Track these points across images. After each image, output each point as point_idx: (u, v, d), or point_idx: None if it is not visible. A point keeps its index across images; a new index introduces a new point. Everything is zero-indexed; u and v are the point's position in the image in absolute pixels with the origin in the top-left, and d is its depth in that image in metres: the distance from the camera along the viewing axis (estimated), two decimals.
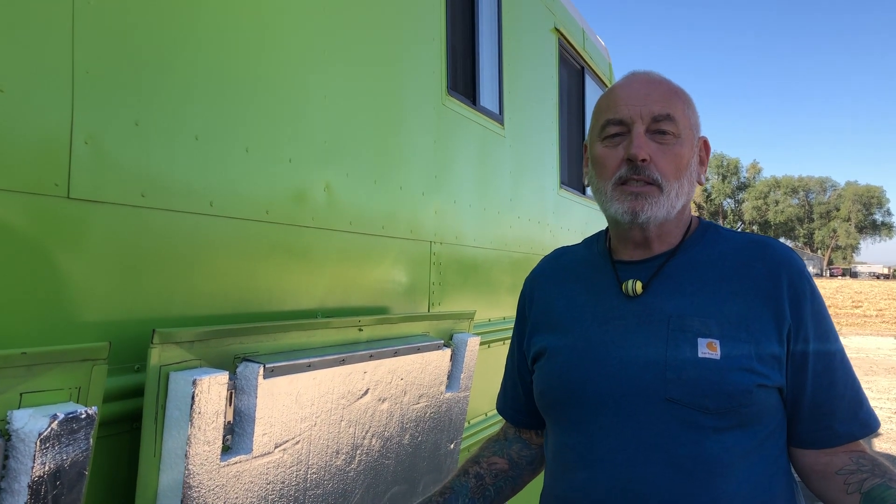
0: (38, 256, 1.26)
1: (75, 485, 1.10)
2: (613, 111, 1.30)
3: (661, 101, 1.28)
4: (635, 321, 1.29)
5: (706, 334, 1.23)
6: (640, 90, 1.29)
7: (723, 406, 1.20)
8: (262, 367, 1.54)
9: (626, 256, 1.37)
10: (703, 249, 1.34)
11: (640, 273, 1.34)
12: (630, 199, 1.27)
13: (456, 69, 3.03)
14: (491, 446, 1.58)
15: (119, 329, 1.42)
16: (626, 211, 1.28)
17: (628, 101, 1.29)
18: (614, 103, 1.30)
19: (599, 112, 1.35)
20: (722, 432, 1.20)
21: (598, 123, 1.34)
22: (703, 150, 1.37)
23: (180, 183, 1.55)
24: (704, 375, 1.20)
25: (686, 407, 1.20)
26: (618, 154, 1.29)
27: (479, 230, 3.12)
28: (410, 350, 2.12)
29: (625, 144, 1.28)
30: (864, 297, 39.91)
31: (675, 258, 1.33)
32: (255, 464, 1.55)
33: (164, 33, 1.51)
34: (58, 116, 1.29)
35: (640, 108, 1.27)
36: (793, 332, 1.25)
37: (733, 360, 1.21)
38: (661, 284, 1.31)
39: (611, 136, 1.30)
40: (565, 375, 1.33)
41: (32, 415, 1.06)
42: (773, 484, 1.26)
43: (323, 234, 2.04)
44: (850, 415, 1.28)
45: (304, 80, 1.96)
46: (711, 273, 1.30)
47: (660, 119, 1.27)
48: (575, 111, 4.82)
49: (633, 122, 1.27)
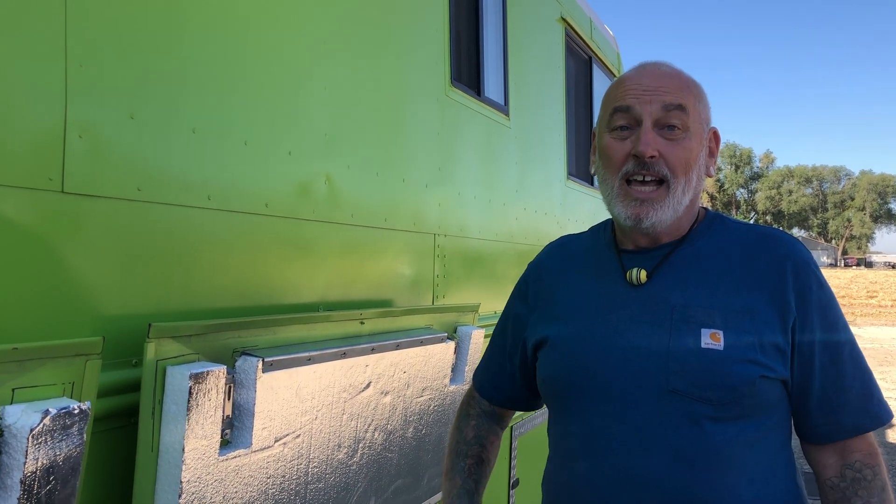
0: (32, 252, 1.26)
1: (69, 480, 1.10)
2: (622, 101, 1.28)
3: (672, 94, 1.26)
4: (639, 310, 1.29)
5: (710, 325, 1.22)
6: (651, 82, 1.27)
7: (725, 397, 1.19)
8: (261, 360, 1.53)
9: (631, 246, 1.37)
10: (709, 241, 1.33)
11: (644, 262, 1.33)
12: (634, 205, 1.27)
13: (460, 60, 3.00)
14: (483, 424, 1.60)
15: (116, 324, 1.41)
16: (629, 216, 1.28)
17: (638, 93, 1.27)
18: (623, 93, 1.29)
19: (608, 101, 1.33)
20: (724, 423, 1.20)
21: (606, 113, 1.32)
22: (712, 142, 1.36)
23: (177, 177, 1.54)
24: (707, 366, 1.20)
25: (688, 398, 1.20)
26: (625, 148, 1.27)
27: (485, 222, 3.10)
28: (413, 343, 2.10)
29: (632, 139, 1.26)
30: (880, 287, 39.56)
31: (681, 249, 1.33)
32: (255, 458, 1.55)
33: (160, 24, 1.50)
34: (51, 110, 1.28)
35: (651, 100, 1.26)
36: (798, 324, 1.24)
37: (736, 351, 1.20)
38: (666, 274, 1.31)
39: (619, 128, 1.29)
40: (569, 364, 1.33)
41: (24, 410, 1.06)
42: (775, 475, 1.25)
43: (324, 227, 2.03)
44: (858, 407, 1.26)
45: (305, 72, 1.94)
46: (716, 264, 1.30)
47: (670, 110, 1.25)
48: (582, 102, 4.78)
49: (643, 116, 1.25)
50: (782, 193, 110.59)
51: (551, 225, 3.86)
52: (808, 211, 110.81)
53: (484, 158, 3.11)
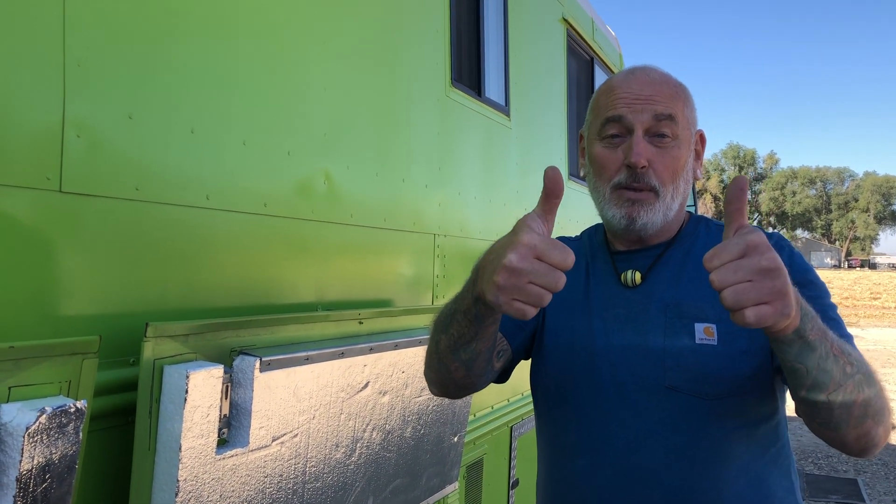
0: (30, 251, 1.26)
1: (65, 478, 1.10)
2: (613, 110, 1.28)
3: (663, 103, 1.27)
4: (634, 309, 1.31)
5: (703, 319, 1.25)
6: (642, 90, 1.28)
7: (721, 391, 1.22)
8: (259, 360, 1.53)
9: (622, 247, 1.39)
10: (696, 240, 1.36)
11: (636, 263, 1.35)
12: (627, 206, 1.28)
13: (461, 60, 3.00)
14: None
15: (114, 322, 1.42)
16: (622, 216, 1.29)
17: (629, 101, 1.27)
18: (614, 102, 1.29)
19: (599, 108, 1.33)
20: (722, 418, 1.22)
21: (597, 120, 1.32)
22: (698, 144, 1.38)
23: (175, 176, 1.55)
24: (703, 361, 1.22)
25: (685, 394, 1.22)
26: (617, 157, 1.28)
27: (485, 222, 3.10)
28: (412, 343, 2.11)
29: (624, 148, 1.27)
30: (883, 289, 39.45)
31: (671, 249, 1.36)
32: (252, 457, 1.55)
33: (159, 24, 1.51)
34: (49, 109, 1.28)
35: (642, 109, 1.26)
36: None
37: (731, 345, 1.22)
38: (659, 273, 1.33)
39: (610, 136, 1.29)
40: (565, 363, 1.35)
41: (21, 408, 1.07)
42: (772, 471, 1.27)
43: (323, 227, 2.03)
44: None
45: (304, 72, 1.94)
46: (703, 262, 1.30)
47: (661, 119, 1.26)
48: (584, 102, 4.78)
49: (634, 126, 1.26)
50: (786, 195, 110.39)
51: None
52: (812, 212, 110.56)
53: (484, 159, 3.11)
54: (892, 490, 6.15)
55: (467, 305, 1.11)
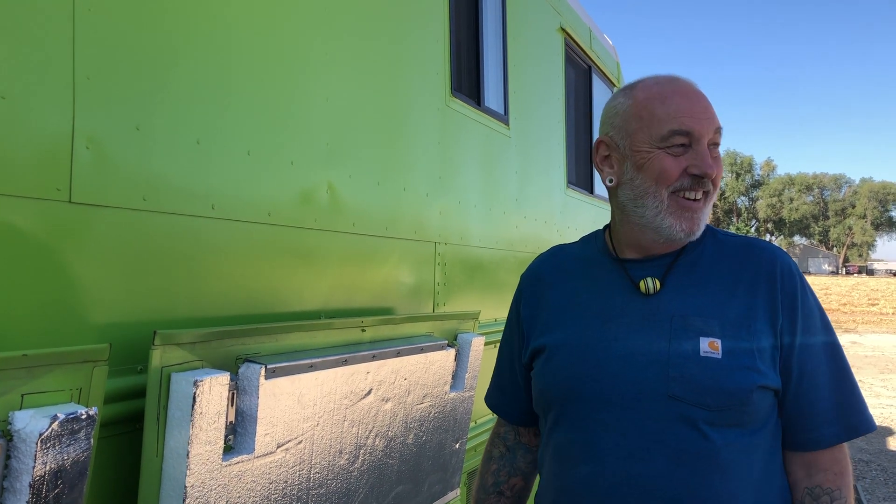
0: (40, 261, 1.28)
1: (76, 484, 1.12)
2: (680, 123, 1.30)
3: (714, 117, 1.33)
4: (639, 319, 1.32)
5: (708, 333, 1.26)
6: (699, 103, 1.32)
7: (723, 404, 1.22)
8: (264, 367, 1.55)
9: (633, 255, 1.40)
10: (703, 251, 1.38)
11: (645, 271, 1.36)
12: (688, 220, 1.31)
13: (460, 70, 3.03)
14: (504, 465, 1.61)
15: (122, 331, 1.44)
16: (682, 229, 1.32)
17: (694, 115, 1.30)
18: (678, 114, 1.30)
19: (657, 119, 1.31)
20: (723, 428, 1.23)
21: (658, 131, 1.31)
22: None
23: (182, 186, 1.57)
24: (706, 373, 1.23)
25: (687, 404, 1.23)
26: (680, 164, 1.31)
27: (485, 230, 3.12)
28: (414, 350, 2.12)
29: (687, 156, 1.30)
30: (881, 295, 39.50)
31: (680, 259, 1.37)
32: (258, 463, 1.57)
33: (165, 37, 1.53)
34: (59, 121, 1.31)
35: (705, 123, 1.31)
36: (783, 330, 1.28)
37: (734, 359, 1.24)
38: (667, 284, 1.34)
39: (677, 146, 1.31)
40: (568, 372, 1.35)
41: (33, 415, 1.08)
42: (772, 483, 1.29)
43: (326, 235, 2.05)
44: (828, 418, 1.29)
45: (307, 83, 1.97)
46: (710, 274, 1.34)
47: (717, 132, 1.32)
48: (582, 110, 4.81)
49: (701, 138, 1.30)
50: (783, 201, 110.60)
51: (551, 233, 3.89)
52: (810, 219, 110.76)
53: (484, 167, 3.13)
54: (892, 496, 6.16)
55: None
